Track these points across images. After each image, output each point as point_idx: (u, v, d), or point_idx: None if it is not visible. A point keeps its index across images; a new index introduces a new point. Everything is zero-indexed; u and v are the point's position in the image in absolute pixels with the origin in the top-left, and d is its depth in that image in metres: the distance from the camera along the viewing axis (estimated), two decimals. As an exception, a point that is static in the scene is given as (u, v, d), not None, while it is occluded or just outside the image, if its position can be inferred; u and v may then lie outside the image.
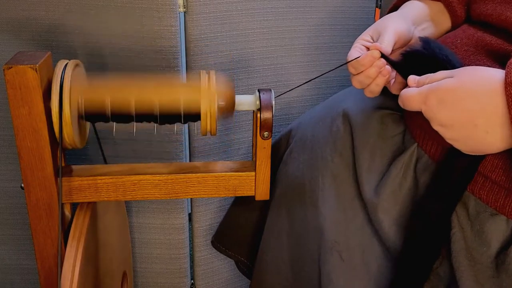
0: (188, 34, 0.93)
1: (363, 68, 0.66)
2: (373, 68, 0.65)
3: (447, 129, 0.56)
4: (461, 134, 0.56)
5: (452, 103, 0.55)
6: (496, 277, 0.58)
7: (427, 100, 0.57)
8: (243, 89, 1.01)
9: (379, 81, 0.66)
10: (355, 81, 0.68)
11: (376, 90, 0.67)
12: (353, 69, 0.67)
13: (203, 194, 0.76)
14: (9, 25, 0.89)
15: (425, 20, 0.73)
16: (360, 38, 0.69)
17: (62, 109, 0.66)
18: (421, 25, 0.72)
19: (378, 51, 0.64)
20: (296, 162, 0.82)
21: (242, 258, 0.97)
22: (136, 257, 1.11)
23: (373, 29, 0.69)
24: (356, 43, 0.69)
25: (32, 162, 0.68)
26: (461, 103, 0.54)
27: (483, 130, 0.54)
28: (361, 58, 0.65)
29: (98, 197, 0.73)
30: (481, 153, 0.57)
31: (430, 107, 0.57)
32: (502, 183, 0.58)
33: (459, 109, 0.54)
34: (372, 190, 0.69)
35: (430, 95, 0.57)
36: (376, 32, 0.68)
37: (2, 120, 0.96)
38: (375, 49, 0.65)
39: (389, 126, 0.72)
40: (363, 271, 0.70)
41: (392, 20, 0.69)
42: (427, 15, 0.73)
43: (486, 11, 0.66)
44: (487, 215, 0.59)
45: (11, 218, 1.04)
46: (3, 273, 1.09)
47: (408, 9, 0.73)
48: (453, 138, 0.57)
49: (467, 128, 0.55)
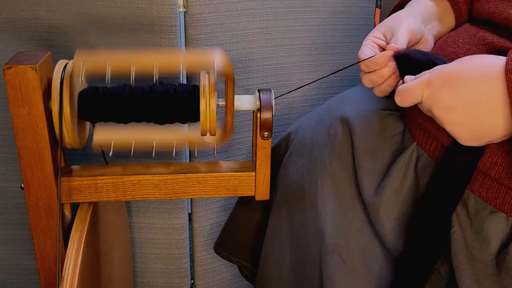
0: (188, 34, 0.93)
1: (377, 67, 0.65)
2: (387, 68, 0.65)
3: (450, 112, 0.55)
4: (465, 116, 0.54)
5: (456, 82, 0.54)
6: (497, 276, 0.58)
7: (430, 84, 0.56)
8: (243, 89, 1.01)
9: (392, 81, 0.66)
10: (367, 80, 0.67)
11: (387, 90, 0.67)
12: (365, 67, 0.66)
13: (203, 194, 0.76)
14: (9, 25, 0.89)
15: (433, 18, 0.72)
16: (371, 35, 0.68)
17: (62, 109, 0.66)
18: (430, 24, 0.71)
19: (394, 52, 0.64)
20: (295, 166, 0.81)
21: (245, 263, 0.97)
22: (136, 257, 1.11)
23: (385, 26, 0.68)
24: (367, 40, 0.68)
25: (32, 162, 0.68)
26: (465, 82, 0.54)
27: (487, 108, 0.53)
28: (376, 58, 0.64)
29: (98, 197, 0.73)
30: (482, 141, 0.56)
31: (433, 90, 0.56)
32: (501, 180, 0.58)
33: (463, 88, 0.54)
34: (373, 191, 0.69)
35: (433, 78, 0.56)
36: (389, 30, 0.67)
37: (2, 120, 0.96)
38: (392, 50, 0.64)
39: (388, 126, 0.72)
40: (364, 273, 0.70)
41: (405, 18, 0.68)
42: (434, 13, 0.72)
43: (488, 9, 0.65)
44: (487, 213, 0.59)
45: (11, 218, 1.04)
46: (3, 273, 1.09)
47: (416, 7, 0.72)
48: (456, 122, 0.55)
49: (471, 108, 0.53)
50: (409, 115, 0.69)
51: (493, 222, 0.59)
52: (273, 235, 0.84)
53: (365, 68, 0.66)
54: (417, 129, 0.67)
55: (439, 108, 0.56)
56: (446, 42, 0.68)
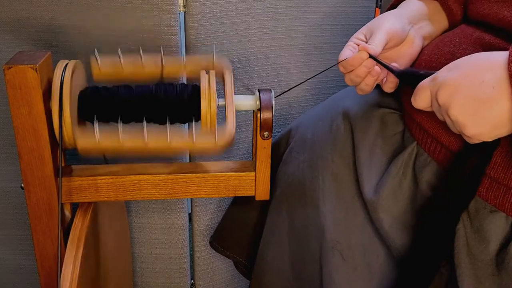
0: (188, 34, 0.93)
1: (351, 68, 0.67)
2: (362, 68, 0.67)
3: (455, 93, 0.54)
4: (469, 96, 0.54)
5: (462, 65, 0.56)
6: (496, 275, 0.59)
7: (437, 75, 0.58)
8: (243, 89, 1.01)
9: (368, 80, 0.68)
10: (347, 79, 0.70)
11: (366, 89, 0.69)
12: (342, 68, 0.69)
13: (203, 194, 0.76)
14: (9, 25, 0.89)
15: (422, 18, 0.73)
16: (354, 37, 0.70)
17: (62, 109, 0.66)
18: (418, 24, 0.72)
19: (366, 52, 0.66)
20: (296, 162, 0.82)
21: (241, 258, 0.97)
22: (136, 257, 1.11)
23: (367, 28, 0.70)
24: (350, 41, 0.70)
25: (32, 162, 0.68)
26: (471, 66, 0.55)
27: (490, 85, 0.52)
28: (349, 59, 0.67)
29: (98, 197, 0.73)
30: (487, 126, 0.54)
31: (440, 77, 0.57)
32: (501, 180, 0.58)
33: (468, 69, 0.55)
34: (372, 189, 0.69)
35: (439, 71, 0.58)
36: (369, 31, 0.69)
37: (2, 120, 0.96)
38: (363, 50, 0.66)
39: (389, 125, 0.72)
40: (364, 270, 0.70)
41: (386, 19, 0.69)
42: (424, 14, 0.73)
43: (483, 10, 0.66)
44: (487, 212, 0.59)
45: (11, 218, 1.04)
46: (3, 273, 1.09)
47: (405, 7, 0.74)
48: (460, 104, 0.54)
49: (475, 86, 0.53)
50: (409, 115, 0.69)
51: (493, 221, 0.59)
52: (272, 231, 0.84)
53: (342, 69, 0.69)
54: (416, 129, 0.67)
55: (444, 90, 0.55)
56: (443, 41, 0.68)
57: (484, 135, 0.55)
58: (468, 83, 0.54)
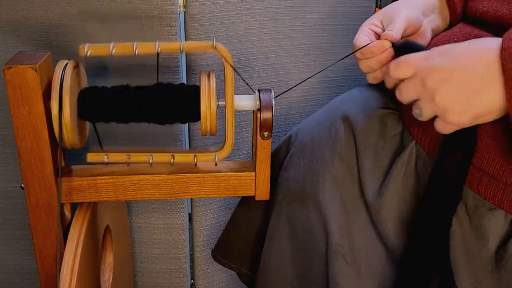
0: (188, 34, 0.93)
1: (371, 55, 0.65)
2: (385, 54, 0.64)
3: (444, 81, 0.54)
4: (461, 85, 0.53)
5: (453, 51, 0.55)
6: (496, 273, 0.59)
7: (428, 56, 0.57)
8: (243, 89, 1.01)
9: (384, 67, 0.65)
10: (364, 65, 0.67)
11: (380, 76, 0.66)
12: (360, 55, 0.66)
13: (203, 194, 0.76)
14: (9, 25, 0.89)
15: (433, 11, 0.72)
16: (368, 22, 0.68)
17: (62, 109, 0.66)
18: (429, 16, 0.71)
19: (389, 41, 0.64)
20: (296, 167, 0.81)
21: (245, 270, 0.95)
22: (136, 257, 1.11)
23: (384, 14, 0.68)
24: (364, 26, 0.68)
25: (32, 162, 0.68)
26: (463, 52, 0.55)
27: (480, 75, 0.53)
28: (370, 45, 0.64)
29: (98, 197, 0.73)
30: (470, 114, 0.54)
31: (430, 59, 0.56)
32: (499, 177, 0.58)
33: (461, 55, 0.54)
34: (376, 191, 0.69)
35: (431, 52, 0.57)
36: (387, 18, 0.67)
37: (2, 120, 0.96)
38: (386, 39, 0.64)
39: (389, 126, 0.72)
40: (368, 273, 0.70)
41: (401, 7, 0.67)
42: (435, 6, 0.72)
43: (482, 8, 0.66)
44: (485, 210, 0.59)
45: (11, 218, 1.04)
46: (3, 273, 1.09)
47: None
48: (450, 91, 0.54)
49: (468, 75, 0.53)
50: (408, 114, 0.69)
51: (491, 219, 0.59)
52: (273, 238, 0.83)
53: (360, 56, 0.66)
54: (415, 128, 0.67)
55: (433, 76, 0.55)
56: (440, 40, 0.68)
57: (466, 123, 0.55)
58: (461, 72, 0.53)
